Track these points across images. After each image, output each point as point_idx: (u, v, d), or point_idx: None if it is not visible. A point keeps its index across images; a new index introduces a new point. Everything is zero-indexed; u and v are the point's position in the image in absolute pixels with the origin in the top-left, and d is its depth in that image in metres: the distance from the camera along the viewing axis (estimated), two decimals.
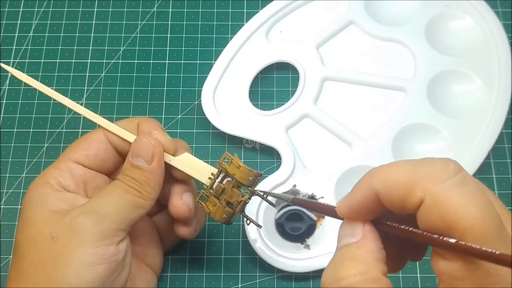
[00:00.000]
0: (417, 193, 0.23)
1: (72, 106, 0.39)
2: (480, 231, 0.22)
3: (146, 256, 0.40)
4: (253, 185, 0.36)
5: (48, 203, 0.34)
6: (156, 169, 0.36)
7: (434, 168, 0.23)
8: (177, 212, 0.37)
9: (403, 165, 0.24)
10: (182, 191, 0.38)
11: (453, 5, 0.50)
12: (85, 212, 0.33)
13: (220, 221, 0.36)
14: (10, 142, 0.48)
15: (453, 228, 0.22)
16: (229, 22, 0.52)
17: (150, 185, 0.35)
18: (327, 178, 0.45)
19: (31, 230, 0.34)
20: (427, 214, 0.23)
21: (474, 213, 0.22)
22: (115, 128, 0.37)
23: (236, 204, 0.36)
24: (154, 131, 0.37)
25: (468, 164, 0.44)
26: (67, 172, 0.36)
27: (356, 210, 0.26)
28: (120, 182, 0.35)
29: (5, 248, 0.44)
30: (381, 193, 0.24)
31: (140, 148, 0.36)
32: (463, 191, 0.22)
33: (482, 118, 0.46)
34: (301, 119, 0.47)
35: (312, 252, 0.42)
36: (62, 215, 0.33)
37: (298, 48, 0.49)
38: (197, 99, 0.49)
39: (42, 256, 0.33)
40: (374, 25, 0.50)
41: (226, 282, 0.43)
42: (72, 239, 0.32)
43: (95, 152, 0.37)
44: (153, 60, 0.51)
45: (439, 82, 0.47)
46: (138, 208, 0.35)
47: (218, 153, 0.47)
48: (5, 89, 0.50)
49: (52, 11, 0.53)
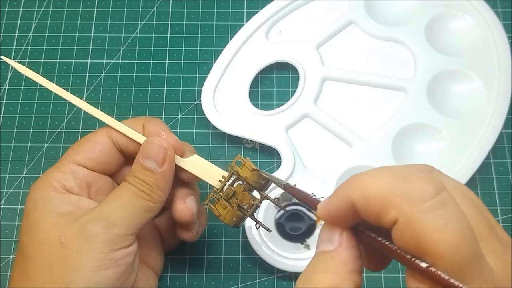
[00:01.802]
0: (392, 212, 0.22)
1: (80, 103, 0.39)
2: (452, 258, 0.21)
3: (148, 257, 0.40)
4: (264, 189, 0.36)
5: (53, 206, 0.34)
6: (167, 172, 0.35)
7: (413, 187, 0.22)
8: (181, 216, 0.37)
9: (381, 176, 0.23)
10: (185, 195, 0.37)
11: (453, 5, 0.50)
12: (95, 218, 0.33)
13: (230, 224, 0.36)
14: (10, 142, 0.48)
15: (426, 252, 0.21)
16: (229, 22, 0.52)
17: (160, 188, 0.35)
18: (327, 178, 0.45)
19: (39, 232, 0.33)
20: (400, 233, 0.22)
21: (447, 239, 0.21)
22: (124, 128, 0.37)
23: (248, 207, 0.36)
24: (162, 132, 0.36)
25: (468, 164, 0.44)
26: (70, 174, 0.36)
27: (334, 215, 0.25)
28: (130, 185, 0.34)
29: (5, 248, 0.44)
30: (357, 204, 0.23)
31: (152, 150, 0.35)
32: (438, 215, 0.21)
33: (482, 118, 0.46)
34: (301, 119, 0.47)
35: (312, 252, 0.42)
36: (70, 219, 0.33)
37: (298, 48, 0.49)
38: (197, 99, 0.49)
39: (50, 260, 0.32)
40: (374, 25, 0.50)
41: (226, 282, 0.43)
42: (82, 245, 0.32)
43: (98, 155, 0.37)
44: (153, 60, 0.51)
45: (439, 82, 0.47)
46: (148, 212, 0.35)
47: (218, 153, 0.47)
48: (5, 89, 0.50)
49: (52, 11, 0.53)
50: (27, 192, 0.45)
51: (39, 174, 0.47)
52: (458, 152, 0.45)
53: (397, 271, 0.43)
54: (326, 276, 0.24)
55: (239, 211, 0.36)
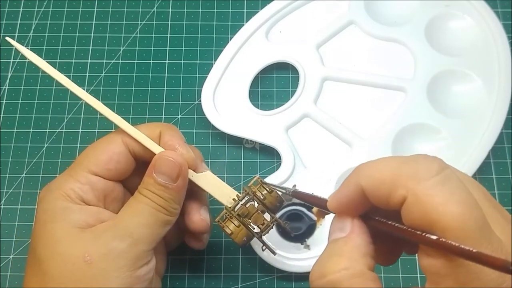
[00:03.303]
0: (400, 191, 0.23)
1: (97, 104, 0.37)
2: (460, 229, 0.22)
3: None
4: (276, 211, 0.38)
5: (73, 219, 0.33)
6: (181, 187, 0.35)
7: (418, 167, 0.23)
8: (198, 228, 0.37)
9: (388, 162, 0.25)
10: (199, 206, 0.38)
11: (453, 5, 0.50)
12: (121, 236, 0.33)
13: (239, 243, 0.36)
14: (10, 142, 0.48)
15: (434, 226, 0.22)
16: (229, 22, 0.52)
17: (175, 202, 0.35)
18: (327, 178, 0.45)
19: (61, 247, 0.32)
20: (409, 211, 0.23)
21: (454, 210, 0.22)
22: (141, 136, 0.36)
23: (263, 228, 0.36)
24: (178, 147, 0.36)
25: (468, 164, 0.44)
26: (87, 186, 0.35)
27: (345, 205, 0.26)
28: (148, 200, 0.34)
29: (5, 248, 0.44)
30: (367, 189, 0.25)
31: (166, 167, 0.35)
32: (444, 189, 0.22)
33: (482, 118, 0.46)
34: (301, 119, 0.47)
35: (312, 252, 0.42)
36: (93, 234, 0.33)
37: (298, 48, 0.49)
38: (197, 99, 0.49)
39: (75, 278, 0.32)
40: (374, 25, 0.50)
41: (226, 282, 0.43)
42: (109, 264, 0.32)
43: (116, 166, 0.36)
44: (153, 60, 0.51)
45: (439, 82, 0.47)
46: (166, 225, 0.35)
47: (218, 153, 0.47)
48: (5, 89, 0.50)
49: (52, 11, 0.53)
50: (27, 192, 0.46)
51: (39, 174, 0.47)
52: (458, 152, 0.45)
53: (397, 271, 0.43)
54: (340, 259, 0.25)
55: (250, 231, 0.36)
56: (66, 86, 0.37)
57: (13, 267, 0.44)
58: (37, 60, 0.37)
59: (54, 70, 0.37)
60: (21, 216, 0.45)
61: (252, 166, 0.47)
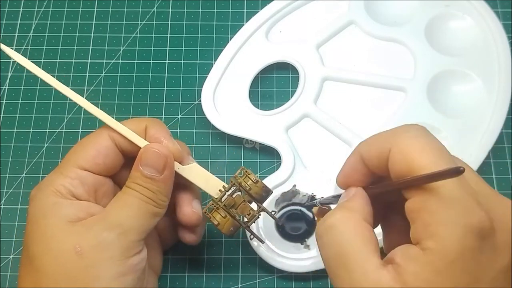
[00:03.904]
0: (386, 145, 0.28)
1: (82, 101, 0.37)
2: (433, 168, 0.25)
3: (148, 258, 0.40)
4: (263, 201, 0.38)
5: (64, 214, 0.33)
6: (168, 179, 0.36)
7: (402, 127, 0.29)
8: (188, 220, 0.37)
9: (380, 132, 0.30)
10: (190, 199, 0.38)
11: (453, 5, 0.50)
12: (110, 227, 0.33)
13: (226, 233, 0.37)
14: (10, 142, 0.48)
15: (412, 169, 0.26)
16: (229, 22, 0.52)
17: (163, 194, 0.35)
18: (327, 178, 0.45)
19: (52, 242, 0.33)
20: (393, 161, 0.27)
21: (429, 154, 0.26)
22: (126, 131, 0.36)
23: (249, 218, 0.37)
24: (163, 139, 0.36)
25: (468, 164, 0.44)
26: (77, 180, 0.35)
27: (349, 175, 0.31)
28: (136, 192, 0.34)
29: (5, 248, 0.44)
30: (364, 154, 0.30)
31: (151, 159, 0.35)
32: (420, 140, 0.27)
33: (482, 118, 0.46)
34: (301, 119, 0.47)
35: (312, 252, 0.42)
36: (83, 227, 0.33)
37: (298, 48, 0.49)
38: (197, 99, 0.49)
39: (67, 271, 0.32)
40: (374, 25, 0.50)
41: (226, 282, 0.43)
42: (100, 254, 0.32)
43: (104, 160, 0.36)
44: (153, 60, 0.51)
45: (439, 82, 0.47)
46: (155, 217, 0.35)
47: (218, 153, 0.47)
48: (5, 89, 0.50)
49: (52, 11, 0.53)
50: (27, 192, 0.46)
51: (39, 174, 0.47)
52: (458, 152, 0.44)
53: None
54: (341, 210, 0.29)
55: (236, 221, 0.37)
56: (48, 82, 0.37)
57: (13, 267, 0.44)
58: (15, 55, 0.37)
59: (38, 69, 0.37)
60: (21, 216, 0.45)
61: (252, 166, 0.47)
